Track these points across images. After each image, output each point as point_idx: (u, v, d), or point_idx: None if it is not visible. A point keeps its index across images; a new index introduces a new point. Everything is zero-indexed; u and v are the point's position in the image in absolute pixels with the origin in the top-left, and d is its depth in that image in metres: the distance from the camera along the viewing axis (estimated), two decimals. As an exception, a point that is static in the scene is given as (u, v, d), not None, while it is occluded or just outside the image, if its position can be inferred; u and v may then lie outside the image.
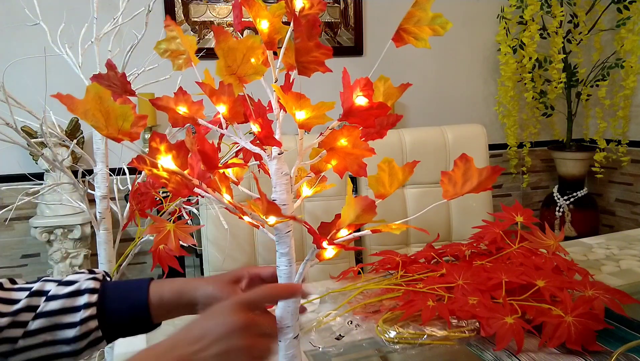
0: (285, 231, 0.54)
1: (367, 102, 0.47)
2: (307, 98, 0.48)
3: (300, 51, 0.49)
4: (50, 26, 1.09)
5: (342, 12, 2.38)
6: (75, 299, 0.58)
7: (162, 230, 0.84)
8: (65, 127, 1.91)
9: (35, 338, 0.56)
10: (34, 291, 0.58)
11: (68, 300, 0.58)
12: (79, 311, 0.57)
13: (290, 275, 0.55)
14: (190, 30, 2.20)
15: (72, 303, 0.58)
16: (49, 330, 0.56)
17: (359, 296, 0.93)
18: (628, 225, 2.63)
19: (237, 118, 0.52)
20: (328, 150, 0.54)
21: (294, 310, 0.55)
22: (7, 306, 0.56)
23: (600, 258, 1.12)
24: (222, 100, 0.51)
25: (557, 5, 2.33)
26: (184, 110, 0.51)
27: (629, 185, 2.63)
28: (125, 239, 2.10)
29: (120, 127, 0.46)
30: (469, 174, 0.50)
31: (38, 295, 0.58)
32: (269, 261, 1.34)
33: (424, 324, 0.80)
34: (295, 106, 0.48)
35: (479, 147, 1.55)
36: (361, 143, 0.52)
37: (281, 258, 0.55)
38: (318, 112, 0.48)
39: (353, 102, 0.47)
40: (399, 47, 0.52)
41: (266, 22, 0.53)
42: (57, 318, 0.57)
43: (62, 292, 0.58)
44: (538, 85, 2.54)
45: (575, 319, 0.72)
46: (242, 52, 0.49)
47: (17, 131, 0.98)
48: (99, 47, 1.07)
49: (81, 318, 0.57)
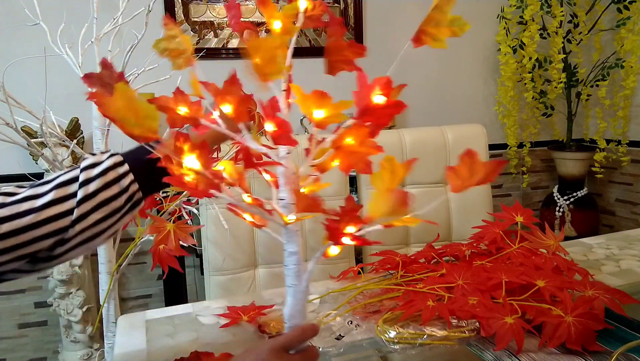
0: (295, 230, 0.54)
1: (384, 101, 0.47)
2: (329, 97, 0.48)
3: (332, 50, 0.49)
4: (50, 26, 1.09)
5: (342, 12, 2.38)
6: (110, 174, 0.59)
7: (162, 230, 0.85)
8: (65, 127, 1.91)
9: (87, 221, 0.57)
10: (59, 183, 0.57)
11: (103, 177, 0.58)
12: (121, 180, 0.59)
13: (299, 273, 0.56)
14: (190, 30, 2.20)
15: (111, 177, 0.59)
16: (97, 208, 0.58)
17: (359, 296, 0.93)
18: (628, 225, 2.63)
19: (242, 117, 0.52)
20: (335, 149, 0.54)
21: (303, 308, 0.56)
22: (32, 201, 0.55)
23: (600, 258, 1.12)
24: (227, 100, 0.51)
25: (557, 5, 2.33)
26: (185, 110, 0.52)
27: (629, 185, 2.63)
28: (125, 239, 2.09)
29: (149, 126, 0.46)
30: (474, 168, 0.51)
31: (65, 184, 0.57)
32: (269, 261, 1.34)
33: (424, 324, 0.80)
34: (316, 105, 0.48)
35: (479, 147, 1.55)
36: (369, 141, 0.52)
37: (290, 257, 0.55)
38: (336, 110, 0.49)
39: (370, 101, 0.47)
40: (416, 47, 0.52)
41: (279, 22, 0.54)
42: (103, 194, 0.58)
43: (93, 174, 0.58)
44: (538, 85, 2.54)
45: (575, 319, 0.72)
46: (270, 51, 0.49)
47: (17, 131, 0.98)
48: (99, 47, 1.07)
49: (125, 186, 0.59)
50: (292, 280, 0.56)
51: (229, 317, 0.86)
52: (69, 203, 0.56)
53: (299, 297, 0.56)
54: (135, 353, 0.77)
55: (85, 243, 0.58)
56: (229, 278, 1.30)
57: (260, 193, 0.82)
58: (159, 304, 2.24)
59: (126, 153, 0.63)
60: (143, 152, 0.64)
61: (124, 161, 0.61)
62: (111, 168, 0.59)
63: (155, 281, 2.27)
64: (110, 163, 0.60)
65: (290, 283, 0.56)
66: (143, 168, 0.62)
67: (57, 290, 1.91)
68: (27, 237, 0.54)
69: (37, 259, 0.57)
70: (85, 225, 0.57)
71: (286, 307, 0.57)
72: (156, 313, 0.91)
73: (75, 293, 1.94)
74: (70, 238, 0.57)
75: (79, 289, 1.95)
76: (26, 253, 0.54)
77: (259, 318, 0.84)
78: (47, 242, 0.55)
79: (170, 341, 0.80)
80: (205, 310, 0.92)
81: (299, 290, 0.56)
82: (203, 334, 0.82)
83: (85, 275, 1.98)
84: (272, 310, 0.89)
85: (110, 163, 0.60)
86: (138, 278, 2.24)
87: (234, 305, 0.90)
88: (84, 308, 1.94)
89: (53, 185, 0.57)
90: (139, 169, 0.62)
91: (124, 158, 0.61)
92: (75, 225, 0.56)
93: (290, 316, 0.56)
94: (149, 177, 0.63)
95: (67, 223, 0.56)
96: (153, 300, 2.27)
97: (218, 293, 1.30)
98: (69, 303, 1.93)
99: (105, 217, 0.58)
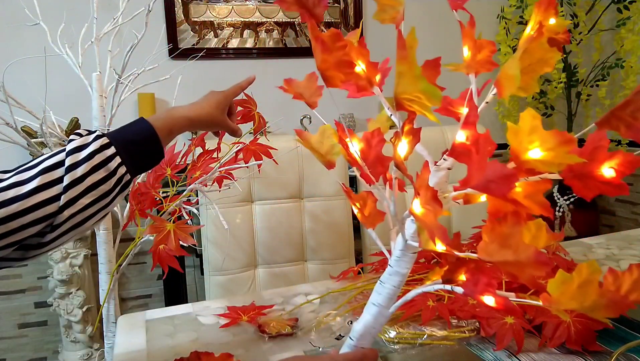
0: (413, 250, 0.48)
1: (612, 177, 0.40)
2: (573, 140, 0.36)
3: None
4: (50, 26, 1.09)
5: (342, 12, 2.38)
6: (97, 157, 0.58)
7: (162, 230, 0.84)
8: (65, 127, 1.91)
9: (75, 206, 0.57)
10: (45, 168, 0.57)
11: (90, 162, 0.58)
12: (109, 163, 0.59)
13: (392, 296, 0.50)
14: (190, 30, 2.20)
15: (98, 160, 0.58)
16: (87, 192, 0.57)
17: (359, 296, 0.93)
18: (628, 225, 2.63)
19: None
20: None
21: (376, 332, 0.52)
22: (19, 188, 0.55)
23: (600, 258, 1.12)
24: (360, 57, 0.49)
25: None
26: (363, 67, 0.48)
27: (629, 185, 2.63)
28: (125, 239, 2.10)
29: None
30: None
31: (52, 168, 0.57)
32: (269, 261, 1.34)
33: (424, 324, 0.80)
34: (542, 143, 0.37)
35: (479, 147, 1.55)
36: (540, 199, 0.43)
37: (394, 276, 0.50)
38: (559, 151, 0.36)
39: (597, 170, 0.39)
40: (602, 130, 0.41)
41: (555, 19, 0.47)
42: (90, 179, 0.58)
43: (80, 158, 0.58)
44: (538, 85, 2.54)
45: (575, 319, 0.72)
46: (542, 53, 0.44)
47: (17, 131, 0.98)
48: (99, 47, 1.07)
49: (112, 168, 0.59)
50: (382, 301, 0.50)
51: (229, 317, 0.86)
52: (56, 188, 0.56)
53: (380, 321, 0.51)
54: (135, 353, 0.77)
55: (76, 228, 0.58)
56: (229, 278, 1.30)
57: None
58: (159, 304, 2.24)
59: (112, 134, 0.62)
60: (130, 131, 0.64)
61: (110, 143, 0.60)
62: (98, 151, 0.59)
63: (155, 281, 2.27)
64: (97, 146, 0.59)
65: (378, 302, 0.51)
66: (130, 148, 0.62)
67: (57, 290, 1.91)
68: (14, 225, 0.53)
69: (27, 246, 0.57)
70: (74, 210, 0.57)
71: (359, 323, 0.52)
72: (156, 313, 0.91)
73: (75, 293, 1.94)
74: (60, 224, 0.56)
75: (79, 289, 1.95)
76: (14, 241, 0.54)
77: (259, 318, 0.84)
78: (35, 229, 0.55)
79: (170, 341, 0.80)
80: (205, 310, 0.92)
81: (384, 313, 0.51)
82: (203, 334, 0.82)
83: (85, 275, 1.98)
84: (272, 310, 0.89)
85: (97, 146, 0.59)
86: (138, 278, 2.24)
87: (234, 305, 0.90)
88: (84, 308, 1.94)
89: (38, 170, 0.56)
90: (126, 150, 0.62)
91: (110, 140, 0.61)
92: (63, 210, 0.56)
93: (360, 336, 0.51)
94: (136, 157, 0.63)
95: (55, 209, 0.55)
96: (153, 300, 2.27)
97: (218, 293, 1.30)
98: (69, 303, 1.93)
99: (94, 201, 0.58)
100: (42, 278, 2.08)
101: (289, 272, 1.35)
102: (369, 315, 0.51)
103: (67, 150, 0.58)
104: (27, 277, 2.10)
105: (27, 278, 2.10)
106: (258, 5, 2.27)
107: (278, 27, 2.31)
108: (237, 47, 2.27)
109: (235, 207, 1.32)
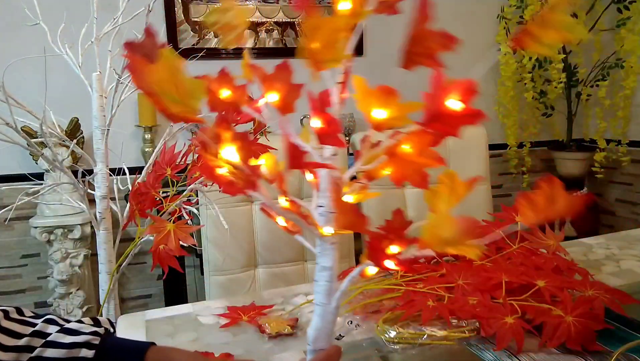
0: (330, 242, 0.48)
1: (462, 108, 0.41)
2: (397, 95, 0.41)
3: (415, 39, 0.41)
4: (50, 26, 1.09)
5: (342, 12, 2.38)
6: (73, 351, 0.58)
7: (162, 230, 0.84)
8: (65, 127, 1.91)
9: None
10: (35, 331, 0.58)
11: (67, 350, 0.58)
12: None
13: (330, 291, 0.50)
14: (190, 30, 2.20)
15: (70, 354, 0.58)
16: None
17: (359, 296, 0.93)
18: (628, 225, 2.63)
19: (289, 109, 0.46)
20: (389, 156, 0.47)
21: (330, 331, 0.51)
22: (12, 339, 0.57)
23: (600, 258, 1.12)
24: (275, 88, 0.45)
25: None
26: (227, 93, 0.46)
27: (629, 185, 2.63)
28: (125, 239, 2.10)
29: (191, 105, 0.40)
30: (554, 198, 0.43)
31: (39, 335, 0.58)
32: (269, 261, 1.34)
33: (424, 324, 0.80)
34: (380, 103, 0.41)
35: (479, 147, 1.55)
36: (430, 151, 0.45)
37: (322, 272, 0.49)
38: (402, 112, 0.42)
39: (444, 106, 0.41)
40: (515, 48, 0.46)
41: (349, 2, 0.45)
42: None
43: (61, 340, 0.58)
44: (538, 85, 2.54)
45: (575, 319, 0.72)
46: (331, 33, 0.42)
47: (17, 131, 0.98)
48: (99, 47, 1.07)
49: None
50: (322, 298, 0.49)
51: (229, 317, 0.86)
52: None
53: (328, 318, 0.50)
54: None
55: None
56: (229, 278, 1.30)
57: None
58: (159, 304, 2.24)
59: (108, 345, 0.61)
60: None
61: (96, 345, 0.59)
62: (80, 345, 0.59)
63: (155, 281, 2.27)
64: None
65: (319, 301, 0.50)
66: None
67: (57, 290, 1.91)
68: None
69: None
70: None
71: (311, 328, 0.50)
72: (156, 313, 0.91)
73: (75, 293, 1.94)
74: None
75: (79, 289, 1.95)
76: None
77: (258, 318, 0.84)
78: None
79: (170, 341, 0.80)
80: (205, 310, 0.92)
81: (328, 310, 0.50)
82: (203, 334, 0.82)
83: (85, 275, 1.98)
84: (272, 310, 0.89)
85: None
86: (138, 278, 2.24)
87: (234, 305, 0.90)
88: (84, 308, 1.94)
89: (30, 331, 0.58)
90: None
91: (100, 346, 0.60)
92: None
93: (315, 339, 0.50)
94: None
95: None
96: (153, 300, 2.27)
97: (218, 293, 1.30)
98: (69, 303, 1.93)
99: None
100: (42, 278, 2.08)
101: (289, 272, 1.35)
102: (316, 316, 0.50)
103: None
104: (27, 277, 2.10)
105: (27, 278, 2.10)
106: (258, 5, 2.27)
107: (278, 27, 2.31)
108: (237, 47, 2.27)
109: (235, 207, 1.32)
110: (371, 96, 0.42)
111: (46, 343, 0.58)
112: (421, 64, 0.43)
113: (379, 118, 0.42)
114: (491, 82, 2.66)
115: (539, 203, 0.44)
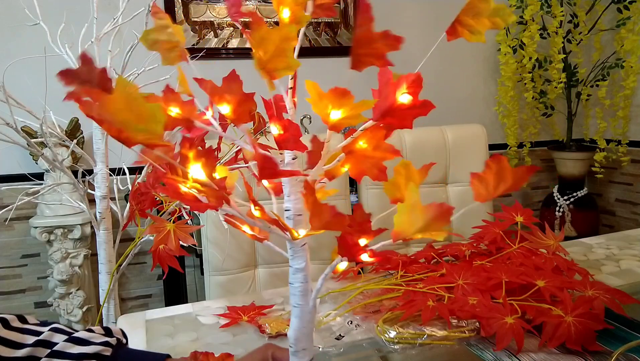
0: (301, 244, 0.49)
1: (410, 100, 0.43)
2: (351, 96, 0.43)
3: (361, 41, 0.42)
4: (50, 26, 1.09)
5: (342, 12, 2.38)
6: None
7: (162, 230, 0.84)
8: (65, 127, 1.91)
9: None
10: (40, 341, 0.55)
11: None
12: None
13: (305, 292, 0.50)
14: (191, 30, 2.20)
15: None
16: None
17: (359, 296, 0.93)
18: (628, 225, 2.63)
19: (243, 119, 0.47)
20: (346, 153, 0.48)
21: (309, 331, 0.51)
22: (10, 350, 0.53)
23: (600, 258, 1.12)
24: (225, 100, 0.46)
25: (557, 5, 2.33)
26: (177, 110, 0.46)
27: (629, 185, 2.63)
28: (125, 239, 2.10)
29: (154, 130, 0.39)
30: (502, 175, 0.45)
31: (44, 345, 0.55)
32: (269, 261, 1.34)
33: (424, 324, 0.80)
34: (334, 104, 0.43)
35: (479, 147, 1.55)
36: (385, 144, 0.47)
37: (296, 274, 0.50)
38: (356, 111, 0.44)
39: (395, 100, 0.43)
40: (450, 40, 0.47)
41: (287, 10, 0.46)
42: None
43: (68, 350, 0.55)
44: (538, 85, 2.54)
45: (575, 319, 0.72)
46: (274, 43, 0.43)
47: (17, 131, 0.98)
48: (99, 47, 1.07)
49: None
50: (298, 300, 0.50)
51: (229, 317, 0.86)
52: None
53: (306, 318, 0.51)
54: None
55: None
56: (229, 278, 1.30)
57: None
58: (159, 304, 2.24)
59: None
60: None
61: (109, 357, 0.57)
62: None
63: (155, 281, 2.27)
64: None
65: (296, 303, 0.51)
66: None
67: (57, 290, 1.91)
68: None
69: None
70: None
71: (290, 330, 0.51)
72: (156, 313, 0.91)
73: (75, 293, 1.94)
74: None
75: (79, 289, 1.95)
76: None
77: (258, 318, 0.84)
78: None
79: (170, 341, 0.80)
80: (205, 310, 0.92)
81: (305, 310, 0.51)
82: (203, 334, 0.82)
83: (85, 275, 1.98)
84: (272, 310, 0.89)
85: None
86: (138, 278, 2.24)
87: (234, 305, 0.90)
88: (84, 308, 1.94)
89: (33, 341, 0.55)
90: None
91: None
92: None
93: (296, 340, 0.51)
94: None
95: None
96: (153, 300, 2.27)
97: (218, 293, 1.30)
98: (69, 303, 1.93)
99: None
100: (42, 278, 2.08)
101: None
102: (294, 318, 0.51)
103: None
104: (27, 277, 2.10)
105: (27, 278, 2.10)
106: (258, 5, 2.27)
107: (278, 27, 2.31)
108: (237, 47, 2.27)
109: (235, 207, 1.32)
110: (325, 98, 0.43)
111: (52, 353, 0.54)
112: (370, 64, 0.44)
113: (335, 119, 0.44)
114: (491, 82, 2.66)
115: (489, 181, 0.46)
